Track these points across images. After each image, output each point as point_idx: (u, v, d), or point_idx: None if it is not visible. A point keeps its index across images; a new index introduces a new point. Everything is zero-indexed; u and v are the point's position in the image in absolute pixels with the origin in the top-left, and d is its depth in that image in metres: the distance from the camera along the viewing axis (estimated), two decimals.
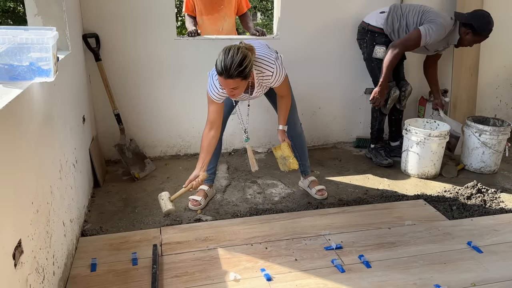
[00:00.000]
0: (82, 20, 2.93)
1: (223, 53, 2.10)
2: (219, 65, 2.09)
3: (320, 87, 3.56)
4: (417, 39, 2.95)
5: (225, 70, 2.07)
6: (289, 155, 2.50)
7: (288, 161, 2.52)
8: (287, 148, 2.51)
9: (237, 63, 2.06)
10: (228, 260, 2.09)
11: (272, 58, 2.30)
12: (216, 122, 2.41)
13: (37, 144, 1.64)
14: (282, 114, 2.55)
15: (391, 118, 3.47)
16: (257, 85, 2.37)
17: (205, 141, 2.41)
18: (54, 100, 1.96)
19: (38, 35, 1.58)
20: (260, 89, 2.42)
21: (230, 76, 2.08)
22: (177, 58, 3.19)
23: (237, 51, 2.08)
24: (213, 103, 2.37)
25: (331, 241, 2.25)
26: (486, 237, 2.31)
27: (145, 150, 3.32)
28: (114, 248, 2.18)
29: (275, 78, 2.32)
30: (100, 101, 3.12)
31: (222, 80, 2.13)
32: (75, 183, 2.28)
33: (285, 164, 2.55)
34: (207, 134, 2.41)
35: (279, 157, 2.58)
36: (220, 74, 2.10)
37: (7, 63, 1.56)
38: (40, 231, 1.57)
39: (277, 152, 2.58)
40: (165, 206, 2.30)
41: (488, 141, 3.12)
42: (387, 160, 3.33)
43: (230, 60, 2.06)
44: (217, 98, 2.33)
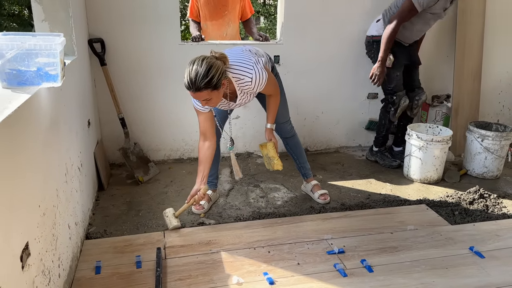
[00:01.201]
0: (88, 25, 2.97)
1: (188, 66, 2.05)
2: (185, 79, 2.04)
3: (323, 92, 3.58)
4: (410, 6, 2.91)
5: (191, 83, 2.02)
6: (274, 155, 2.48)
7: (272, 162, 2.51)
8: (272, 148, 2.49)
9: (202, 75, 2.00)
10: (231, 263, 2.11)
11: (250, 63, 2.22)
12: (208, 132, 2.38)
13: (44, 148, 1.67)
14: (270, 112, 2.50)
15: (399, 124, 3.47)
16: (239, 92, 2.30)
17: (201, 153, 2.40)
18: (60, 104, 1.99)
19: (46, 41, 1.61)
20: (244, 96, 2.34)
21: (198, 89, 2.03)
22: (181, 63, 3.19)
23: (201, 62, 2.03)
24: (200, 114, 2.35)
25: (334, 245, 2.26)
26: (488, 242, 2.32)
27: (149, 153, 3.35)
28: (118, 251, 2.20)
29: (256, 83, 2.23)
30: (105, 105, 3.16)
31: (192, 94, 2.08)
32: (80, 187, 2.31)
33: (270, 163, 2.54)
34: (202, 146, 2.40)
35: (265, 155, 2.56)
36: (188, 89, 2.06)
37: (16, 68, 1.59)
38: (46, 233, 1.60)
39: (264, 150, 2.57)
40: (170, 223, 2.38)
41: (490, 147, 3.13)
42: (396, 162, 3.34)
43: (194, 73, 2.01)
44: (202, 108, 2.31)
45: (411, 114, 3.38)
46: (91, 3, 2.92)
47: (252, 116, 3.46)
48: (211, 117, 2.38)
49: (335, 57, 3.50)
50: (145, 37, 3.10)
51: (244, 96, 2.36)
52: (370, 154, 3.52)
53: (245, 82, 2.24)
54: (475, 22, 3.56)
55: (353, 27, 3.44)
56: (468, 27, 3.56)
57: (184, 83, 2.07)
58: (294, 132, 2.78)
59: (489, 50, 3.70)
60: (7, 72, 1.57)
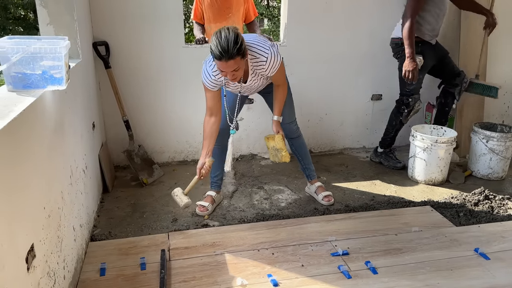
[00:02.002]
0: (93, 29, 2.99)
1: (215, 37, 2.03)
2: (216, 49, 2.02)
3: (326, 93, 3.58)
4: None
5: (224, 51, 2.00)
6: (282, 147, 2.47)
7: (280, 154, 2.49)
8: (281, 140, 2.48)
9: (233, 41, 2.00)
10: (235, 265, 2.11)
11: (266, 45, 2.24)
12: (215, 108, 2.38)
13: (49, 151, 1.68)
14: (277, 104, 2.49)
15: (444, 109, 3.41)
16: (251, 72, 2.29)
17: (207, 128, 2.40)
18: (65, 107, 2.00)
19: (51, 44, 1.63)
20: (255, 78, 2.34)
21: (231, 56, 2.02)
22: (185, 65, 3.23)
23: (228, 31, 2.03)
24: (208, 91, 2.36)
25: (338, 247, 2.26)
26: (493, 244, 2.30)
27: (153, 156, 3.36)
28: (123, 253, 2.21)
29: (270, 64, 2.24)
30: (110, 108, 3.17)
31: (223, 64, 2.05)
32: (85, 189, 2.32)
33: (277, 155, 2.53)
34: (208, 121, 2.40)
35: (270, 147, 2.55)
36: (220, 58, 2.03)
37: (21, 71, 1.60)
38: (51, 235, 1.61)
39: (270, 143, 2.55)
40: (181, 201, 2.36)
41: (495, 147, 3.11)
42: (401, 163, 3.34)
43: (225, 40, 2.00)
44: (211, 86, 2.33)
45: (458, 97, 3.33)
46: (95, 6, 2.94)
47: (256, 118, 3.47)
48: (219, 95, 2.39)
49: (339, 59, 3.50)
50: (149, 40, 3.11)
51: (255, 79, 2.36)
52: (375, 155, 3.51)
53: (260, 62, 2.24)
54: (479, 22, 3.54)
55: (357, 28, 3.44)
56: (472, 27, 3.55)
57: (214, 54, 2.04)
58: (300, 133, 2.78)
59: (493, 50, 3.68)
60: (12, 75, 1.59)
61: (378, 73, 3.60)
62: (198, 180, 2.41)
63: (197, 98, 3.32)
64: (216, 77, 2.28)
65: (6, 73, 1.58)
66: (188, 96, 3.32)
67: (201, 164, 2.39)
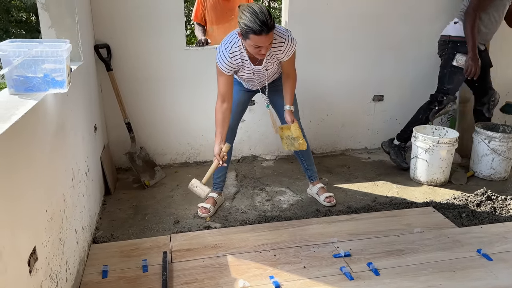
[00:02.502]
0: (94, 31, 3.00)
1: (249, 13, 2.06)
2: (255, 23, 2.04)
3: (328, 94, 3.57)
4: None
5: (264, 24, 2.04)
6: (299, 135, 2.48)
7: (297, 142, 2.50)
8: (297, 128, 2.48)
9: (268, 14, 2.07)
10: (237, 267, 2.11)
11: (283, 28, 2.32)
12: (228, 94, 2.40)
13: (51, 153, 1.69)
14: (288, 94, 2.51)
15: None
16: (267, 55, 2.33)
17: (219, 114, 2.41)
18: (67, 110, 2.01)
19: (53, 47, 1.63)
20: (270, 60, 2.38)
21: (271, 28, 2.08)
22: (186, 67, 3.23)
23: (260, 6, 2.09)
24: (222, 75, 2.37)
25: (340, 248, 2.25)
26: (496, 244, 2.30)
27: (155, 158, 3.37)
28: (125, 255, 2.21)
29: (287, 45, 2.31)
30: (111, 110, 3.18)
31: (263, 38, 2.08)
32: (87, 191, 2.32)
33: (293, 144, 2.53)
34: (220, 107, 2.41)
35: (285, 137, 2.55)
36: (261, 32, 2.06)
37: (23, 74, 1.61)
38: (53, 238, 1.61)
39: (284, 132, 2.55)
40: (203, 191, 2.37)
41: (497, 148, 3.11)
42: (407, 165, 3.31)
43: (262, 14, 2.05)
44: (226, 69, 2.33)
45: (488, 115, 3.33)
46: (97, 9, 2.95)
47: (258, 119, 3.47)
48: (231, 81, 2.41)
49: (340, 59, 3.50)
50: (151, 42, 3.12)
51: (270, 62, 2.38)
52: (388, 144, 3.43)
53: (278, 43, 2.30)
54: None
55: (357, 29, 3.44)
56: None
57: (254, 29, 2.06)
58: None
59: (495, 50, 3.67)
60: (14, 78, 1.60)
61: (379, 74, 3.60)
62: (217, 167, 2.41)
63: (198, 99, 3.33)
64: (232, 59, 2.30)
65: (8, 76, 1.59)
66: (190, 98, 3.32)
67: (219, 150, 2.40)
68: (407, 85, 3.70)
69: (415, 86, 3.71)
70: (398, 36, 3.53)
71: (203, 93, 3.32)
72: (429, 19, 3.55)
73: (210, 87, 3.31)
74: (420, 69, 3.66)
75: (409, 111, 3.79)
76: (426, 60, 3.65)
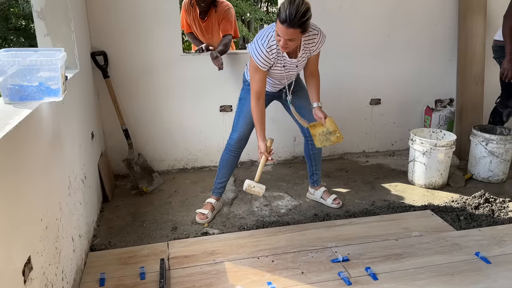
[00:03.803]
0: (91, 39, 3.01)
1: (288, 2, 2.11)
2: (283, 13, 2.10)
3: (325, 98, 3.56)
4: None
5: (289, 18, 2.08)
6: (335, 129, 2.49)
7: (334, 136, 2.51)
8: (333, 122, 2.50)
9: (301, 13, 2.08)
10: (234, 273, 2.10)
11: (314, 24, 2.36)
12: (262, 91, 2.42)
13: (46, 162, 1.68)
14: (315, 92, 2.55)
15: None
16: (302, 48, 2.38)
17: (257, 112, 2.42)
18: (62, 118, 2.01)
19: (47, 56, 1.64)
20: (304, 54, 2.42)
21: (292, 25, 2.10)
22: (183, 74, 3.24)
23: (302, 2, 2.11)
24: (258, 72, 2.37)
25: (338, 253, 2.25)
26: (494, 247, 2.29)
27: (153, 164, 3.36)
28: (122, 262, 2.21)
29: (320, 38, 2.38)
30: (109, 117, 3.18)
31: (283, 28, 2.13)
32: (84, 199, 2.32)
33: (329, 139, 2.52)
34: (257, 104, 2.42)
35: (318, 134, 2.55)
36: (283, 22, 2.11)
37: (17, 83, 1.61)
38: (49, 247, 1.61)
39: (317, 129, 2.55)
40: (261, 189, 2.39)
41: (495, 150, 3.11)
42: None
43: (295, 9, 2.08)
44: (263, 64, 2.34)
45: (506, 119, 3.33)
46: (93, 16, 2.96)
47: None
48: (265, 78, 2.43)
49: (336, 64, 3.51)
50: (147, 48, 3.13)
51: (304, 57, 2.43)
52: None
53: (312, 35, 2.36)
54: (477, 25, 3.55)
55: (353, 34, 3.45)
56: (470, 30, 3.55)
57: (280, 16, 2.12)
58: None
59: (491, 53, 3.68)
60: (9, 87, 1.60)
61: (376, 77, 3.61)
62: (265, 162, 2.43)
63: (195, 105, 3.34)
64: (269, 53, 2.32)
65: (3, 85, 1.59)
66: (187, 104, 3.33)
67: (264, 147, 2.42)
68: (404, 88, 3.70)
69: (412, 89, 3.72)
70: (394, 39, 3.54)
71: (200, 98, 3.32)
72: (426, 23, 3.56)
73: (206, 92, 3.32)
74: (417, 72, 3.67)
75: (406, 114, 3.81)
76: (423, 63, 3.66)
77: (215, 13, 3.36)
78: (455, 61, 3.69)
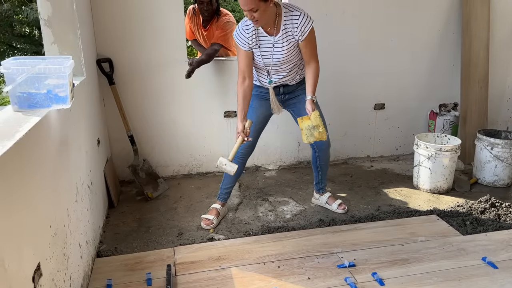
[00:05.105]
0: (96, 46, 3.03)
1: None
2: None
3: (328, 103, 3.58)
4: None
5: None
6: (319, 124, 2.45)
7: (317, 131, 2.45)
8: (318, 117, 2.44)
9: None
10: (241, 279, 2.10)
11: (300, 8, 2.40)
12: (247, 71, 2.46)
13: (54, 169, 1.70)
14: (310, 82, 2.47)
15: None
16: (282, 28, 2.38)
17: (241, 92, 2.45)
18: (70, 125, 2.02)
19: (56, 64, 1.66)
20: (285, 37, 2.39)
21: None
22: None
23: None
24: (240, 51, 2.45)
25: (344, 258, 2.25)
26: (501, 252, 2.29)
27: (158, 170, 3.38)
28: (129, 268, 2.21)
29: (302, 21, 2.34)
30: (114, 124, 3.20)
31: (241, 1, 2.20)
32: (91, 205, 2.33)
33: (312, 134, 2.47)
34: (242, 84, 2.45)
35: (305, 128, 2.50)
36: None
37: (26, 91, 1.63)
38: (58, 253, 1.62)
39: (304, 123, 2.50)
40: (232, 167, 2.40)
41: (500, 155, 3.10)
42: None
43: None
44: (242, 43, 2.41)
45: None
46: (99, 24, 2.99)
47: None
48: (250, 57, 2.47)
49: (340, 68, 3.52)
50: (152, 55, 3.15)
51: (285, 40, 2.40)
52: None
53: (293, 16, 2.36)
54: (480, 29, 3.56)
55: (356, 39, 3.46)
56: (473, 34, 3.56)
57: None
58: (330, 143, 2.77)
59: (495, 56, 3.69)
60: (18, 95, 1.61)
61: (380, 82, 3.61)
62: (241, 143, 2.44)
63: (200, 111, 3.35)
64: (246, 32, 2.39)
65: (12, 93, 1.61)
66: (192, 110, 3.34)
67: (242, 127, 2.43)
68: (408, 93, 3.70)
69: (416, 94, 3.72)
70: (398, 44, 3.54)
71: (205, 104, 3.34)
72: (429, 28, 3.57)
73: (211, 98, 3.34)
74: (421, 76, 3.67)
75: (410, 119, 3.81)
76: (426, 67, 3.67)
77: (216, 23, 3.38)
78: (459, 65, 3.69)
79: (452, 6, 3.57)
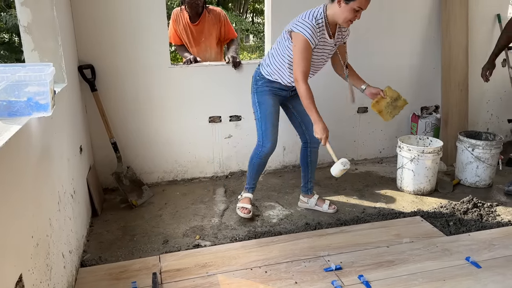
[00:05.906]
0: (78, 52, 2.99)
1: None
2: None
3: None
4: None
5: None
6: (398, 94, 2.58)
7: (401, 100, 2.59)
8: (390, 88, 2.59)
9: None
10: (228, 286, 2.09)
11: None
12: (308, 72, 2.49)
13: (36, 178, 1.66)
14: (358, 76, 2.73)
15: None
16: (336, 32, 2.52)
17: (311, 93, 2.48)
18: (51, 133, 1.99)
19: (36, 71, 1.63)
20: (339, 36, 2.57)
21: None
22: (171, 86, 3.24)
23: None
24: (306, 50, 2.39)
25: (331, 262, 2.25)
26: (484, 252, 2.33)
27: (142, 177, 3.34)
28: (114, 277, 2.18)
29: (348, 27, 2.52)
30: (97, 131, 3.16)
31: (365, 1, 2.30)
32: (74, 214, 2.29)
33: (396, 107, 2.59)
34: (308, 86, 2.47)
35: (384, 107, 2.60)
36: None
37: (6, 99, 1.59)
38: (40, 264, 1.58)
39: (381, 103, 2.60)
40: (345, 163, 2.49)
41: (481, 155, 3.16)
42: None
43: None
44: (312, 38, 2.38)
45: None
46: (80, 30, 2.95)
47: (245, 135, 3.48)
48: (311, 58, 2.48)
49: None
50: (135, 61, 3.12)
51: (336, 42, 2.56)
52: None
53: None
54: (459, 33, 3.64)
55: None
56: (452, 38, 3.64)
57: None
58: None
59: (474, 59, 3.77)
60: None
61: None
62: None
63: (184, 117, 3.33)
64: (316, 28, 2.39)
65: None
66: (176, 116, 3.32)
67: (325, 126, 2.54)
68: None
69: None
70: (381, 47, 3.59)
71: (189, 110, 3.32)
72: (410, 32, 3.63)
73: (195, 104, 3.33)
74: (402, 80, 3.73)
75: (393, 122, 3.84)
76: (407, 71, 3.73)
77: (208, 16, 3.40)
78: (439, 69, 3.76)
79: (432, 11, 3.64)
